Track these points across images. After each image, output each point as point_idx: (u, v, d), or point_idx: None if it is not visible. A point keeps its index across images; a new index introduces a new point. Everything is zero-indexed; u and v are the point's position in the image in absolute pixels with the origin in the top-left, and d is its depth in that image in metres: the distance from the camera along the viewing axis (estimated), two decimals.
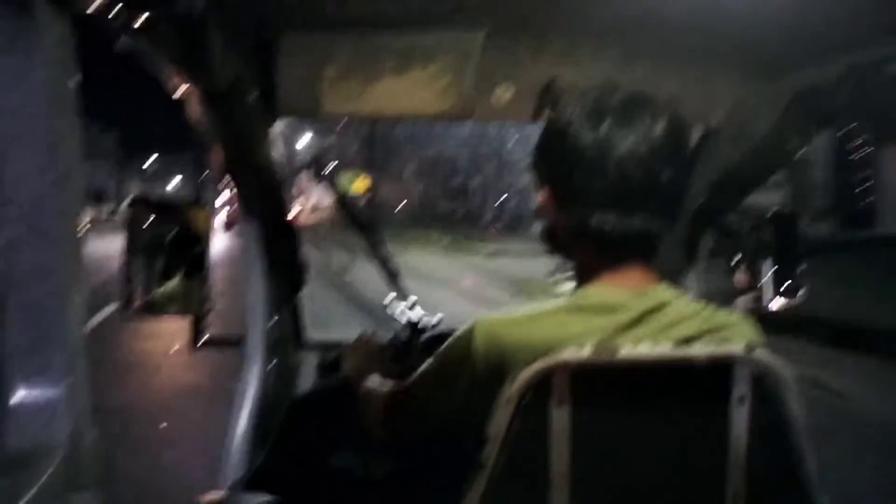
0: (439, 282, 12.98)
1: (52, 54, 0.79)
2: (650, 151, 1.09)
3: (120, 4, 0.89)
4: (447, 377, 1.16)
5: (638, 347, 1.04)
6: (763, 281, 2.17)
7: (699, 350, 1.06)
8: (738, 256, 2.15)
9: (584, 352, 1.02)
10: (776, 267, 2.07)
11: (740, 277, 2.13)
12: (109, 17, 0.88)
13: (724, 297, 2.00)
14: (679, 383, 1.06)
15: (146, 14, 0.92)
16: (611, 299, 1.12)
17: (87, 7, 0.84)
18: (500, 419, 1.04)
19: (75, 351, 0.84)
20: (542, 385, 1.02)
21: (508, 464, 1.04)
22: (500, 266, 17.28)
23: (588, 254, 1.16)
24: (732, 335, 1.12)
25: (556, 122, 1.16)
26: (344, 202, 2.19)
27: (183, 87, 1.30)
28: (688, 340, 1.08)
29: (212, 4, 1.03)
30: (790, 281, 2.23)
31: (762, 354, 1.07)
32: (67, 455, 0.81)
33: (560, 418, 1.02)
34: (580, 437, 1.03)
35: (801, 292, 2.14)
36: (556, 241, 1.22)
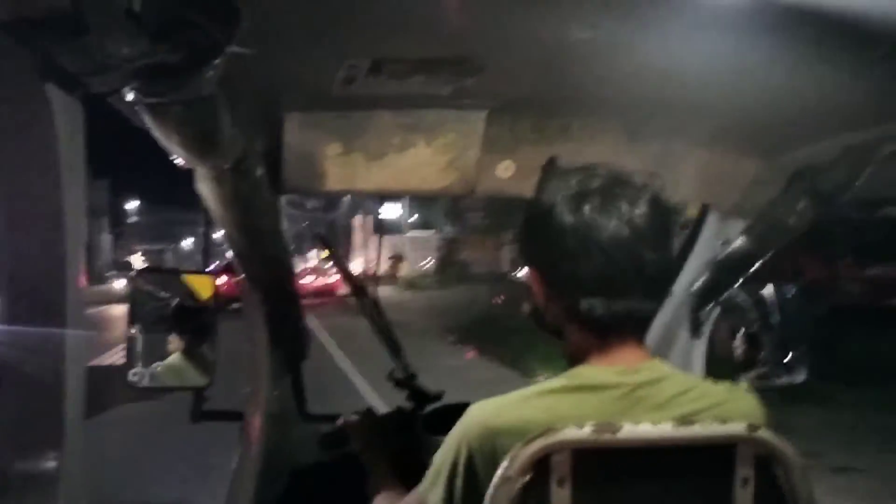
0: None
1: (63, 136, 0.81)
2: (632, 234, 1.10)
3: (131, 88, 0.91)
4: (452, 473, 1.12)
5: (639, 426, 1.03)
6: (765, 355, 2.17)
7: (701, 429, 1.05)
8: (741, 332, 2.15)
9: (584, 430, 1.02)
10: (778, 341, 2.07)
11: (742, 352, 2.12)
12: (124, 95, 0.90)
13: (730, 373, 1.99)
14: (681, 463, 1.05)
15: (160, 94, 0.94)
16: (604, 378, 1.12)
17: (99, 90, 0.87)
18: (499, 500, 1.02)
19: (73, 427, 0.84)
20: (541, 465, 1.01)
21: None
22: None
23: (578, 335, 1.16)
24: (733, 411, 1.11)
25: (539, 205, 1.17)
26: (347, 273, 2.21)
27: (191, 163, 1.33)
28: (688, 417, 1.07)
29: (222, 86, 1.07)
30: (792, 355, 2.22)
31: (766, 434, 1.06)
32: None
33: (561, 499, 1.01)
34: None
35: (802, 366, 2.13)
36: (545, 322, 1.22)
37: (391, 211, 36.10)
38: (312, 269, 31.47)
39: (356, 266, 35.65)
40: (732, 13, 1.15)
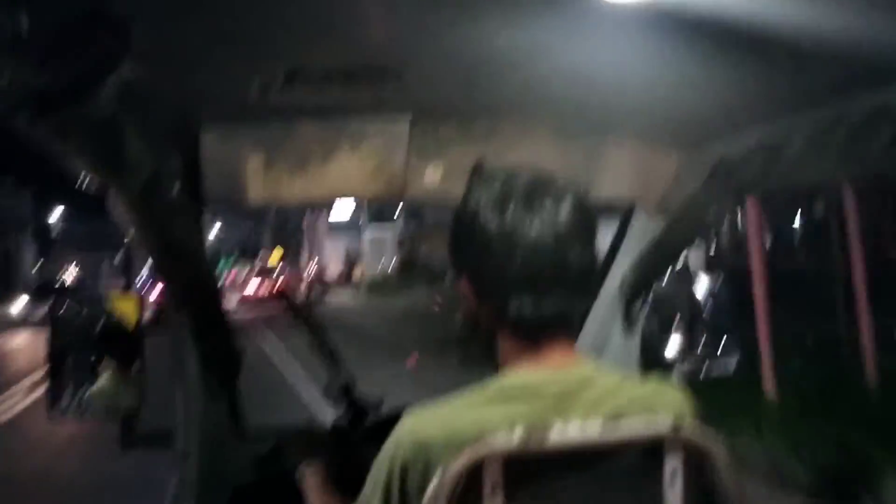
0: None
1: None
2: (556, 235, 1.11)
3: (26, 107, 0.87)
4: (387, 490, 1.11)
5: (567, 428, 1.04)
6: (699, 345, 2.22)
7: (628, 427, 1.06)
8: (676, 322, 2.19)
9: (513, 438, 1.01)
10: (707, 331, 2.11)
11: (674, 344, 2.16)
12: (17, 119, 0.86)
13: (663, 367, 2.03)
14: (611, 462, 1.06)
15: (54, 116, 0.90)
16: (532, 381, 1.12)
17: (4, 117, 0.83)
18: None
19: None
20: (473, 475, 1.01)
21: None
22: None
23: (510, 338, 1.16)
24: (660, 407, 1.12)
25: (465, 210, 1.17)
26: (278, 286, 2.16)
27: (100, 182, 1.28)
28: (616, 416, 1.08)
29: (125, 103, 1.03)
30: (724, 344, 2.28)
31: (692, 429, 1.07)
32: None
33: None
34: None
35: (732, 355, 2.18)
36: (477, 326, 1.22)
37: (345, 207, 33.49)
38: (260, 272, 30.30)
39: (307, 270, 34.08)
40: (643, 15, 1.17)
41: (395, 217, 31.65)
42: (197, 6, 1.11)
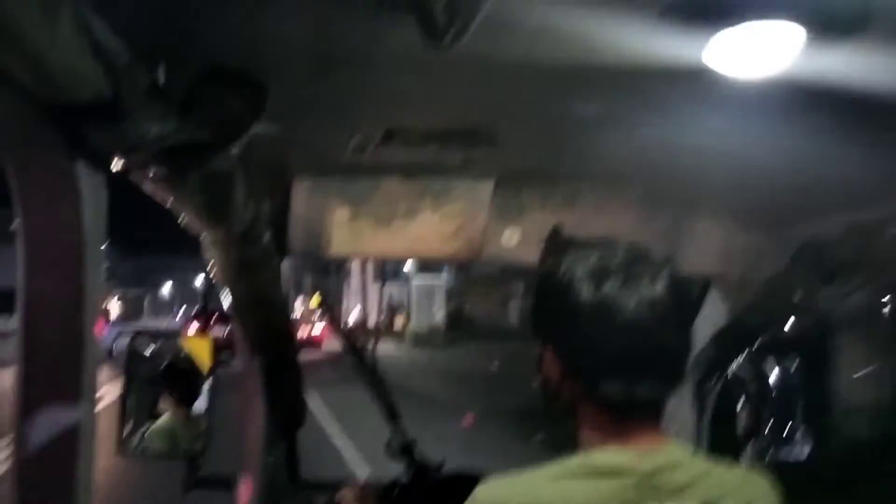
0: None
1: (88, 211, 0.80)
2: (653, 314, 1.06)
3: (155, 166, 0.91)
4: None
5: None
6: (767, 427, 2.15)
7: None
8: (742, 402, 2.13)
9: None
10: (778, 415, 2.05)
11: (744, 426, 2.10)
12: (146, 175, 0.90)
13: (732, 448, 1.97)
14: None
15: (179, 175, 0.93)
16: (619, 462, 1.07)
17: (125, 169, 0.86)
18: None
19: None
20: None
21: None
22: None
23: (593, 415, 1.11)
24: (753, 496, 1.08)
25: (556, 279, 1.12)
26: (340, 328, 2.17)
27: (201, 230, 1.32)
28: (709, 503, 1.04)
29: (239, 160, 1.06)
30: (792, 429, 2.20)
31: None
32: None
33: None
34: None
35: (805, 442, 2.11)
36: (557, 398, 1.16)
37: None
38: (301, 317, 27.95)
39: (352, 317, 32.09)
40: (740, 91, 1.17)
41: (442, 268, 29.64)
42: (302, 68, 1.14)
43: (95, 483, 0.86)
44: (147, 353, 2.02)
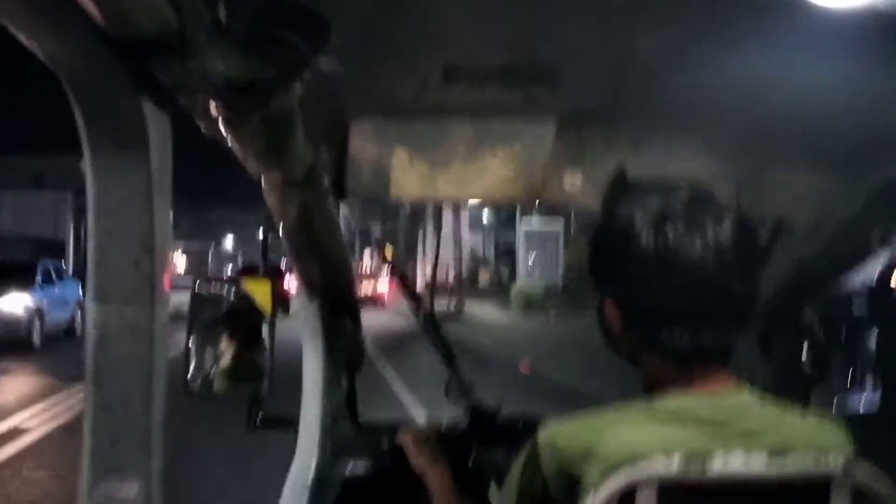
0: None
1: (154, 154, 0.80)
2: (719, 259, 1.02)
3: (218, 103, 0.90)
4: (524, 501, 1.07)
5: (730, 458, 0.98)
6: (836, 377, 2.10)
7: (795, 463, 0.99)
8: (810, 351, 2.07)
9: (672, 464, 0.97)
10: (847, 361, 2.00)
11: (813, 373, 2.05)
12: (207, 114, 0.89)
13: (797, 394, 1.92)
14: (773, 499, 1.00)
15: (241, 114, 0.92)
16: (687, 406, 1.05)
17: (189, 107, 0.85)
18: None
19: (154, 451, 0.82)
20: (625, 497, 0.97)
21: None
22: None
23: (659, 364, 1.09)
24: (829, 444, 1.05)
25: (615, 226, 1.09)
26: (403, 282, 2.18)
27: (261, 173, 1.31)
28: (782, 450, 1.01)
29: (299, 101, 1.05)
30: (861, 375, 2.15)
31: (863, 471, 1.00)
32: None
33: None
34: None
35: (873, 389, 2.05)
36: (620, 349, 1.15)
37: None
38: (363, 275, 25.67)
39: (426, 272, 27.00)
40: (817, 24, 1.10)
41: (559, 211, 22.95)
42: (361, 5, 1.11)
43: (166, 423, 0.88)
44: (209, 296, 2.06)
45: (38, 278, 15.98)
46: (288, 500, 1.95)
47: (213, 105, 0.88)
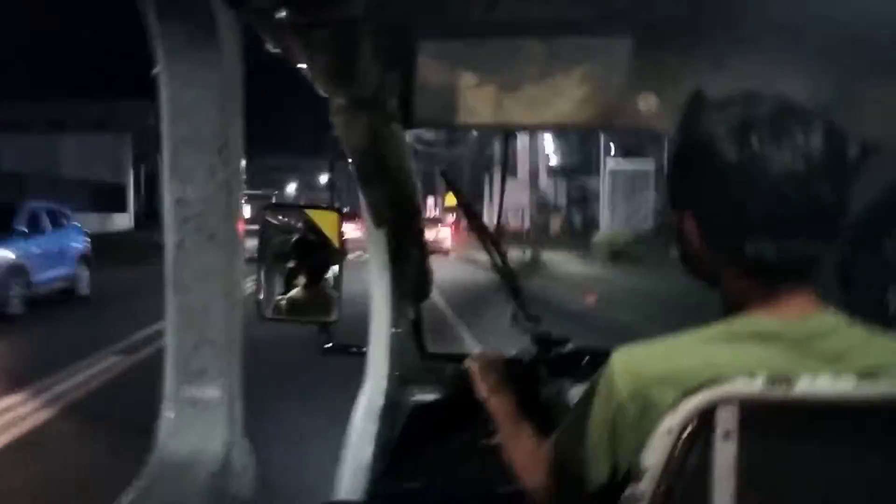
0: None
1: (225, 56, 0.78)
2: (808, 168, 0.98)
3: (284, 6, 0.88)
4: (597, 426, 1.06)
5: (816, 379, 0.94)
6: None
7: (887, 387, 0.95)
8: (893, 285, 1.99)
9: (755, 383, 0.94)
10: None
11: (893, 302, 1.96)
12: (275, 17, 0.87)
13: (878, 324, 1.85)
14: (859, 422, 0.96)
15: (308, 17, 0.90)
16: (769, 326, 1.02)
17: (260, 6, 0.84)
18: (657, 452, 0.96)
19: (233, 355, 0.83)
20: (704, 417, 0.95)
21: (666, 498, 0.97)
22: None
23: (740, 282, 1.05)
24: None
25: (696, 138, 1.05)
26: (470, 212, 2.16)
27: (328, 92, 1.30)
28: (871, 373, 0.97)
29: (365, 14, 1.02)
30: None
31: None
32: (222, 465, 0.79)
33: (725, 453, 0.94)
34: (746, 473, 0.94)
35: None
36: (699, 268, 1.11)
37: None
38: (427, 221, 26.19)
39: (494, 217, 28.14)
40: None
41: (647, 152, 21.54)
42: None
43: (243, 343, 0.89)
44: (279, 224, 2.09)
45: (21, 226, 12.13)
46: (358, 426, 1.99)
47: (282, 11, 0.86)
